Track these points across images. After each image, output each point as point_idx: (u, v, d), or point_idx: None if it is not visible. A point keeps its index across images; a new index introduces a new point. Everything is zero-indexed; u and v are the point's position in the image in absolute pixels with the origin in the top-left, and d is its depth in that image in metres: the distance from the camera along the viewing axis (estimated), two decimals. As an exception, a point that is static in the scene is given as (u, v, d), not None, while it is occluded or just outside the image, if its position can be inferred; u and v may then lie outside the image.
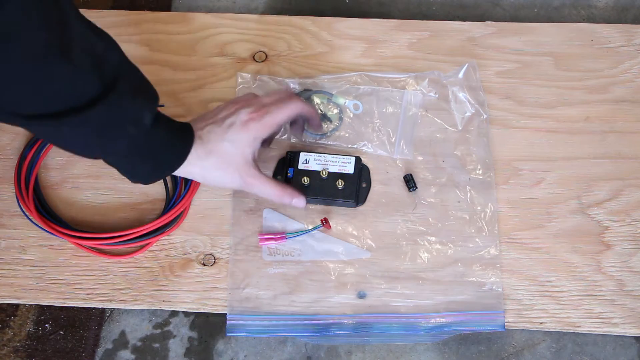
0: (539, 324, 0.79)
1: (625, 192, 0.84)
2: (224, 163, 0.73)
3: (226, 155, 0.73)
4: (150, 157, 0.70)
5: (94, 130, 0.63)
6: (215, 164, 0.73)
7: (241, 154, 0.74)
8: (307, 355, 0.80)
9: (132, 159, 0.69)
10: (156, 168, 0.72)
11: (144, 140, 0.67)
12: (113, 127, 0.64)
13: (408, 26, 0.94)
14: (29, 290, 0.81)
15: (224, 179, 0.75)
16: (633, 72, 0.91)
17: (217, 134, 0.73)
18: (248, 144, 0.74)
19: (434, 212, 0.83)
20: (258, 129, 0.75)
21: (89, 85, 0.60)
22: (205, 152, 0.72)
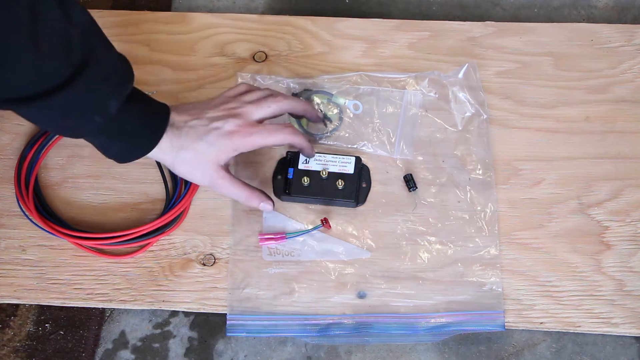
0: (539, 324, 0.79)
1: (625, 192, 0.84)
2: (195, 160, 0.73)
3: (200, 154, 0.73)
4: (119, 140, 0.70)
5: (61, 114, 0.64)
6: (187, 158, 0.73)
7: (215, 157, 0.73)
8: (307, 355, 0.80)
9: (102, 140, 0.70)
10: (126, 150, 0.72)
11: (110, 125, 0.68)
12: (78, 113, 0.64)
13: (408, 26, 0.94)
14: (29, 290, 0.81)
15: (193, 174, 0.75)
16: (633, 72, 0.91)
17: (198, 131, 0.73)
18: (225, 152, 0.73)
19: (434, 212, 0.83)
20: (240, 144, 0.74)
21: (56, 70, 0.60)
22: (180, 145, 0.72)
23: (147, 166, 0.86)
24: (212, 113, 0.74)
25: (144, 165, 0.86)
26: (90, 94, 0.64)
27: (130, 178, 0.86)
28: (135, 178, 0.86)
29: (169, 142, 0.72)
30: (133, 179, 0.86)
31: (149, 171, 0.86)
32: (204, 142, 0.72)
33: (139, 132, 0.70)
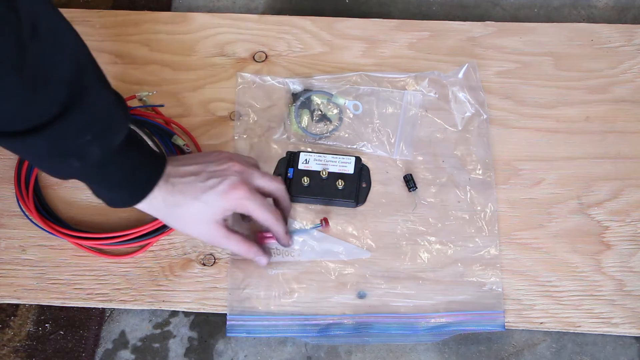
0: (539, 324, 0.79)
1: (625, 192, 0.84)
2: (191, 219, 0.71)
3: (196, 214, 0.71)
4: (104, 187, 0.68)
5: (39, 155, 0.62)
6: (181, 216, 0.71)
7: (211, 217, 0.71)
8: (307, 355, 0.80)
9: (88, 183, 0.69)
10: (112, 198, 0.70)
11: (92, 172, 0.65)
12: (56, 156, 0.62)
13: (408, 26, 0.94)
14: (29, 290, 0.81)
15: (189, 231, 0.74)
16: (633, 72, 0.91)
17: (195, 189, 0.70)
18: (221, 212, 0.72)
19: (434, 212, 0.83)
20: (235, 204, 0.72)
21: (40, 109, 0.58)
22: (173, 202, 0.70)
23: (147, 166, 0.86)
24: (213, 167, 0.72)
25: (144, 165, 0.86)
26: (69, 140, 0.61)
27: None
28: (135, 178, 0.86)
29: (162, 199, 0.69)
30: (133, 179, 0.86)
31: (149, 171, 0.86)
32: (201, 202, 0.70)
33: (124, 183, 0.68)
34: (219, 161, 0.73)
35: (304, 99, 0.88)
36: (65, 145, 0.61)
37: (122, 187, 0.68)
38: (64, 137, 0.60)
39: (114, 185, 0.68)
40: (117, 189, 0.69)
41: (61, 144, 0.61)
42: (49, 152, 0.61)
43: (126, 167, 0.67)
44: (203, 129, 0.88)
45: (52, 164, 0.64)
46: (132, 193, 0.69)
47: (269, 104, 0.89)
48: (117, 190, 0.69)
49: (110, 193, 0.69)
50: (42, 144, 0.60)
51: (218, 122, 0.88)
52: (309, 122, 0.87)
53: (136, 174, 0.68)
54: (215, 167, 0.72)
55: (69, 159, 0.63)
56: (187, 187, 0.70)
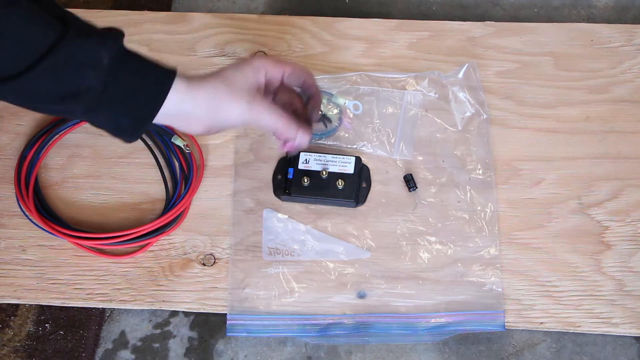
0: (539, 324, 0.79)
1: (625, 192, 0.84)
2: (221, 92, 0.64)
3: (225, 84, 0.64)
4: (122, 102, 0.61)
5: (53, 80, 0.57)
6: (210, 94, 0.63)
7: (244, 81, 0.65)
8: (307, 355, 0.80)
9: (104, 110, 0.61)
10: (137, 111, 0.62)
11: (106, 84, 0.59)
12: (71, 72, 0.57)
13: (408, 26, 0.94)
14: (29, 290, 0.81)
15: (223, 111, 0.64)
16: (633, 72, 0.91)
17: (221, 69, 0.66)
18: (251, 73, 0.66)
19: (434, 212, 0.83)
20: (263, 62, 0.67)
21: (43, 34, 0.56)
22: (198, 84, 0.63)
23: (147, 166, 0.86)
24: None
25: (144, 165, 0.86)
26: (77, 51, 0.57)
27: (130, 178, 0.86)
28: (135, 178, 0.86)
29: (184, 87, 0.62)
30: (133, 179, 0.86)
31: (149, 171, 0.86)
32: (229, 69, 0.65)
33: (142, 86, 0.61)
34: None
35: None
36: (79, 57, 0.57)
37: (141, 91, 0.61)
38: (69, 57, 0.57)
39: (132, 91, 0.61)
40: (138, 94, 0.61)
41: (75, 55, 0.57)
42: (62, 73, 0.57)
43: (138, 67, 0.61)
44: (203, 129, 0.88)
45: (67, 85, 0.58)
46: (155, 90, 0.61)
47: (269, 104, 0.89)
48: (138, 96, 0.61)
49: (132, 101, 0.61)
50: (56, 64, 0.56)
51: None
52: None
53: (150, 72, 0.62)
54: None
55: (85, 70, 0.58)
56: (213, 72, 0.65)
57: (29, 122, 0.88)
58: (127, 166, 0.86)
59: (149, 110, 0.62)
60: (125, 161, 0.87)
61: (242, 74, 0.65)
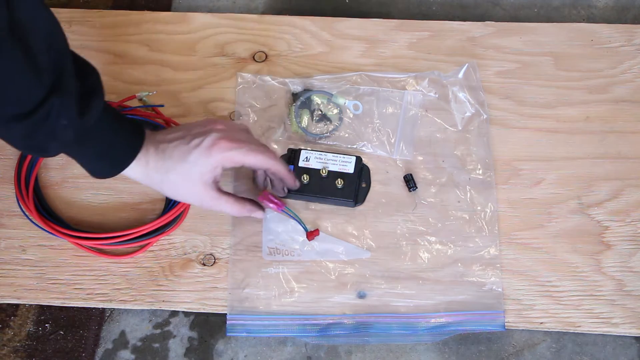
0: (539, 324, 0.79)
1: (625, 192, 0.84)
2: (182, 182, 0.72)
3: (185, 176, 0.72)
4: (85, 161, 0.70)
5: (18, 139, 0.64)
6: (174, 181, 0.72)
7: (199, 178, 0.72)
8: (307, 355, 0.80)
9: (69, 155, 0.70)
10: (93, 171, 0.71)
11: (69, 149, 0.68)
12: (33, 139, 0.63)
13: (408, 26, 0.94)
14: (29, 290, 0.81)
15: (182, 196, 0.75)
16: (633, 72, 0.91)
17: (182, 151, 0.71)
18: (208, 170, 0.72)
19: (434, 212, 0.83)
20: (220, 158, 0.72)
21: (35, 92, 0.59)
22: (166, 169, 0.71)
23: (147, 166, 0.86)
24: (197, 129, 0.73)
25: (144, 165, 0.86)
26: (47, 124, 0.62)
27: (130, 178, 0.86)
28: (135, 178, 0.86)
29: (154, 166, 0.71)
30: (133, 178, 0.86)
31: (149, 171, 0.86)
32: (187, 162, 0.71)
33: (103, 156, 0.70)
34: (203, 124, 0.74)
35: (304, 98, 0.88)
36: (43, 130, 0.62)
37: (101, 159, 0.70)
38: (43, 121, 0.61)
39: (92, 158, 0.70)
40: (96, 161, 0.70)
41: (40, 128, 0.61)
42: (28, 135, 0.62)
43: (103, 143, 0.69)
44: (203, 129, 0.88)
45: (29, 145, 0.65)
46: (112, 164, 0.70)
47: (269, 104, 0.89)
48: (97, 162, 0.71)
49: (91, 165, 0.71)
50: (23, 128, 0.61)
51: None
52: (309, 122, 0.87)
53: (114, 147, 0.70)
54: (199, 129, 0.73)
55: (46, 141, 0.64)
56: (175, 151, 0.72)
57: (29, 122, 0.88)
58: (127, 166, 0.86)
59: (106, 173, 0.71)
60: (125, 161, 0.87)
61: (198, 174, 0.72)
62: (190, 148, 0.72)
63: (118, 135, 0.70)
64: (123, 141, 0.70)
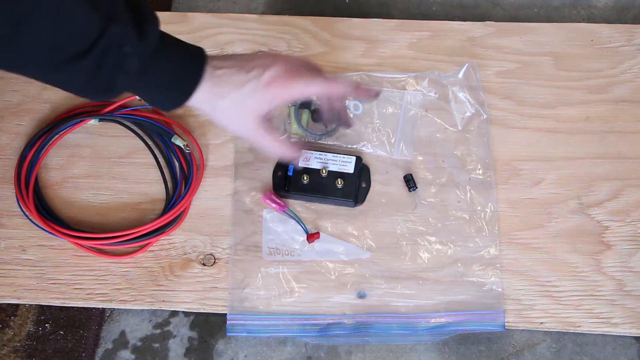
0: (539, 324, 0.79)
1: (625, 192, 0.84)
2: (234, 111, 0.71)
3: (238, 105, 0.70)
4: (152, 93, 0.69)
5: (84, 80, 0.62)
6: (226, 108, 0.70)
7: (253, 108, 0.71)
8: (307, 355, 0.80)
9: (135, 92, 0.69)
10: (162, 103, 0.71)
11: (135, 81, 0.66)
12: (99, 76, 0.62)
13: (408, 26, 0.94)
14: (29, 290, 0.81)
15: (232, 125, 0.73)
16: (633, 72, 0.91)
17: (237, 81, 0.70)
18: (263, 103, 0.71)
19: (434, 212, 0.83)
20: (279, 94, 0.71)
21: (90, 26, 0.59)
22: (219, 94, 0.70)
23: (147, 166, 0.86)
24: (256, 61, 0.72)
25: (144, 165, 0.86)
26: (110, 56, 0.61)
27: (130, 178, 0.86)
28: (135, 178, 0.86)
29: (209, 90, 0.69)
30: (133, 179, 0.86)
31: (149, 171, 0.86)
32: (242, 92, 0.70)
33: (169, 86, 0.69)
34: (264, 57, 0.73)
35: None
36: (108, 63, 0.61)
37: (168, 89, 0.69)
38: (106, 53, 0.60)
39: (160, 89, 0.68)
40: (164, 91, 0.69)
41: (105, 61, 0.61)
42: (93, 74, 0.61)
43: (167, 70, 0.68)
44: (203, 129, 0.88)
45: (96, 86, 0.64)
46: (179, 93, 0.69)
47: (269, 104, 0.89)
48: (165, 93, 0.69)
49: (160, 96, 0.70)
50: (87, 66, 0.60)
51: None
52: (309, 122, 0.87)
53: (178, 75, 0.69)
54: (259, 61, 0.72)
55: (113, 75, 0.63)
56: (232, 78, 0.70)
57: (29, 122, 0.88)
58: (127, 166, 0.86)
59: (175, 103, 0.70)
60: (125, 161, 0.87)
61: (252, 105, 0.71)
62: (248, 78, 0.70)
63: (181, 59, 0.69)
64: (186, 65, 0.69)
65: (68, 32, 0.58)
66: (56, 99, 0.89)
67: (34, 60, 0.59)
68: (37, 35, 0.57)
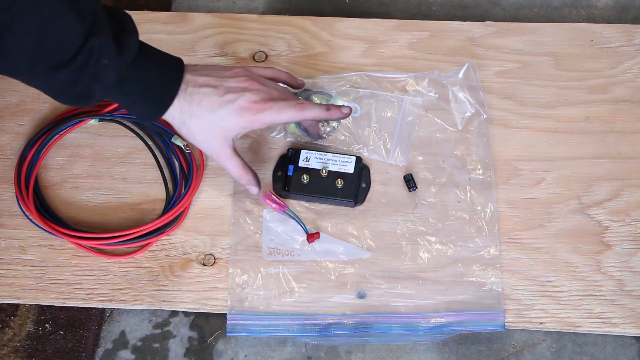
0: (539, 324, 0.79)
1: (625, 192, 0.84)
2: (204, 131, 0.72)
3: (209, 127, 0.72)
4: (129, 103, 0.71)
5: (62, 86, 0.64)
6: (195, 127, 0.72)
7: (224, 132, 0.73)
8: (307, 355, 0.80)
9: (112, 100, 0.71)
10: (139, 113, 0.72)
11: (111, 92, 0.68)
12: (76, 86, 0.64)
13: (408, 26, 0.94)
14: (29, 290, 0.81)
15: (199, 143, 0.74)
16: (633, 72, 0.91)
17: (212, 102, 0.71)
18: (234, 128, 0.73)
19: (434, 212, 0.83)
20: (251, 120, 0.73)
21: (74, 37, 0.61)
22: (190, 113, 0.71)
23: (147, 166, 0.86)
24: (231, 83, 0.73)
25: (144, 165, 0.86)
26: (90, 67, 0.63)
27: (130, 178, 0.86)
28: (135, 178, 0.86)
29: (179, 107, 0.71)
30: (133, 179, 0.86)
31: (149, 171, 0.86)
32: (215, 115, 0.72)
33: (145, 97, 0.70)
34: (237, 78, 0.74)
35: (302, 98, 0.88)
36: (86, 73, 0.63)
37: (144, 101, 0.70)
38: (85, 64, 0.62)
39: (136, 99, 0.70)
40: (140, 103, 0.71)
41: (83, 72, 0.62)
42: (72, 82, 0.63)
43: (142, 84, 0.69)
44: (203, 129, 0.88)
45: (73, 93, 0.65)
46: (155, 105, 0.71)
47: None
48: (141, 104, 0.71)
49: (136, 107, 0.71)
50: (66, 75, 0.62)
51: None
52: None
53: (154, 88, 0.70)
54: (234, 83, 0.73)
55: (90, 85, 0.64)
56: (205, 99, 0.71)
57: (29, 122, 0.88)
58: (127, 166, 0.86)
59: (151, 115, 0.72)
60: (125, 161, 0.87)
61: (223, 128, 0.73)
62: (222, 102, 0.72)
63: (157, 73, 0.70)
64: (162, 79, 0.70)
65: (53, 42, 0.60)
66: (56, 99, 0.89)
67: (17, 65, 0.61)
68: (21, 44, 0.58)
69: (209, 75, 0.73)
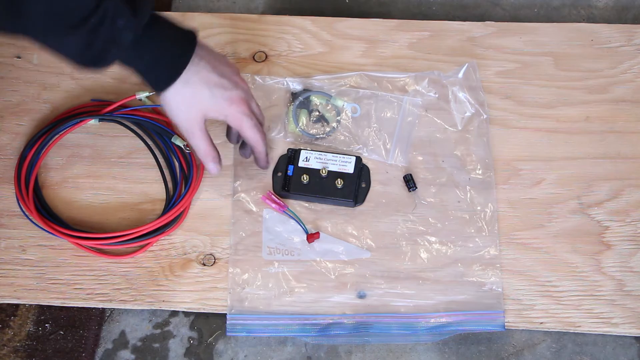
0: (539, 324, 0.79)
1: (625, 192, 0.84)
2: (188, 101, 0.74)
3: (196, 99, 0.74)
4: (144, 69, 0.72)
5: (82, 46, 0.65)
6: (183, 94, 0.73)
7: (204, 109, 0.74)
8: (307, 355, 0.80)
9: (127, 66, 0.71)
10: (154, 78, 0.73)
11: (128, 54, 0.69)
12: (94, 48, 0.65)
13: (408, 26, 0.94)
14: (29, 290, 0.81)
15: (178, 111, 0.75)
16: (633, 72, 0.91)
17: (207, 79, 0.74)
18: (217, 111, 0.75)
19: (434, 212, 0.83)
20: (232, 114, 0.76)
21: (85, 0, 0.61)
22: (185, 79, 0.72)
23: (147, 166, 0.86)
24: (227, 68, 0.76)
25: (144, 165, 0.86)
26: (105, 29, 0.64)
27: (130, 178, 0.86)
28: (135, 178, 0.86)
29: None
30: (133, 179, 0.86)
31: (149, 171, 0.86)
32: (208, 90, 0.74)
33: (160, 61, 0.71)
34: (232, 70, 0.77)
35: (302, 98, 0.88)
36: (102, 35, 0.64)
37: (159, 64, 0.71)
38: (100, 26, 0.63)
39: (151, 63, 0.71)
40: (156, 66, 0.71)
41: (99, 33, 0.63)
42: (87, 44, 0.64)
43: (158, 46, 0.71)
44: (203, 129, 0.88)
45: (88, 56, 0.66)
46: (169, 70, 0.72)
47: (269, 104, 0.89)
48: (156, 68, 0.72)
49: (150, 71, 0.72)
50: (81, 37, 0.63)
51: (217, 122, 0.88)
52: (307, 122, 0.87)
53: (169, 52, 0.72)
54: (229, 72, 0.77)
55: (106, 47, 0.65)
56: (203, 72, 0.74)
57: (29, 122, 0.88)
58: (127, 166, 0.86)
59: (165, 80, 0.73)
60: (125, 161, 0.87)
61: (207, 107, 0.75)
62: (218, 83, 0.74)
63: (173, 37, 0.72)
64: (178, 44, 0.72)
65: (65, 3, 0.61)
66: (56, 99, 0.90)
67: (31, 26, 0.62)
68: (35, 5, 0.60)
69: (218, 58, 0.76)
